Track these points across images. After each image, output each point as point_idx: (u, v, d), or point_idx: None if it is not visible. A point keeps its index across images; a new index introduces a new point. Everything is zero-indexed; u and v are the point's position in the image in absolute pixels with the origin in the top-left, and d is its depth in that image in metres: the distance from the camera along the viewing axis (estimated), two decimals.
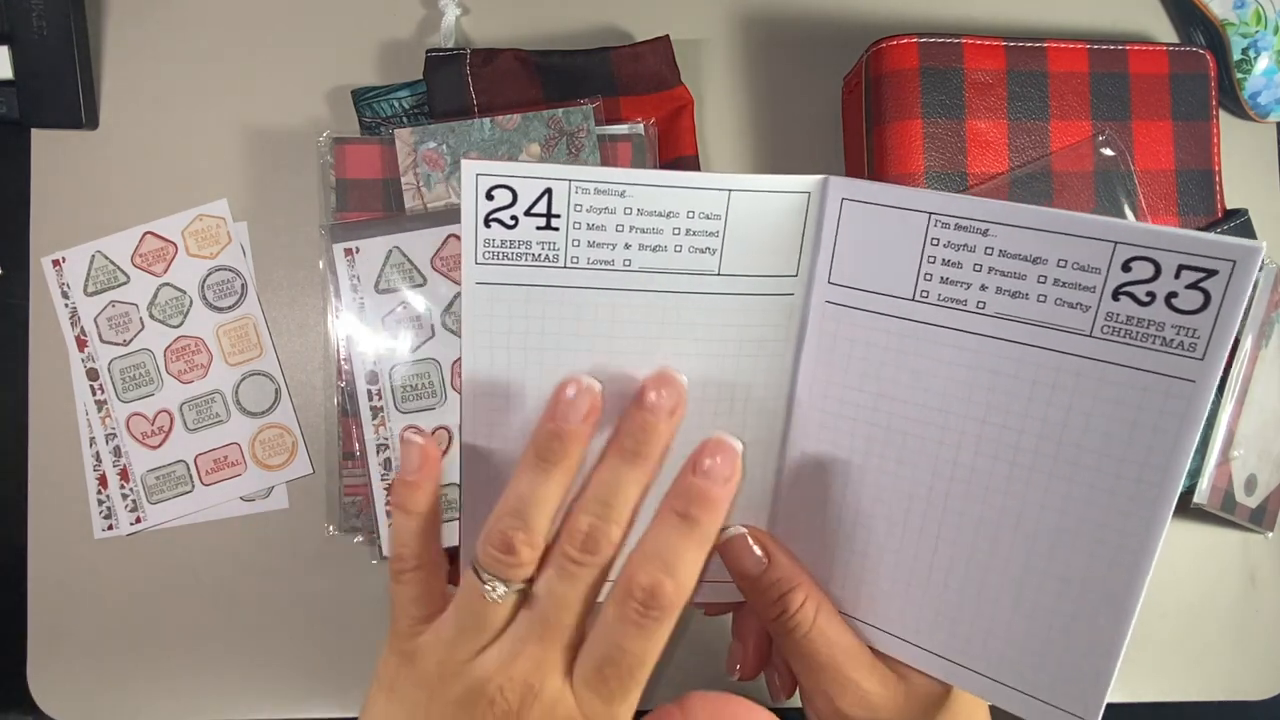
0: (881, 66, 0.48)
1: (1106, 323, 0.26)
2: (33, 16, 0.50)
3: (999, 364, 0.28)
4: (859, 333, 0.30)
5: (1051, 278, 0.26)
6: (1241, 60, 0.53)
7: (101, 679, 0.51)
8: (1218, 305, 0.25)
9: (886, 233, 0.28)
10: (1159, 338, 0.25)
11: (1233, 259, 0.24)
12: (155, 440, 0.51)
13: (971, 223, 0.27)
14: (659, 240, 0.29)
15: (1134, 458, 0.27)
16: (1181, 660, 0.53)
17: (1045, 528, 0.28)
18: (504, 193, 0.28)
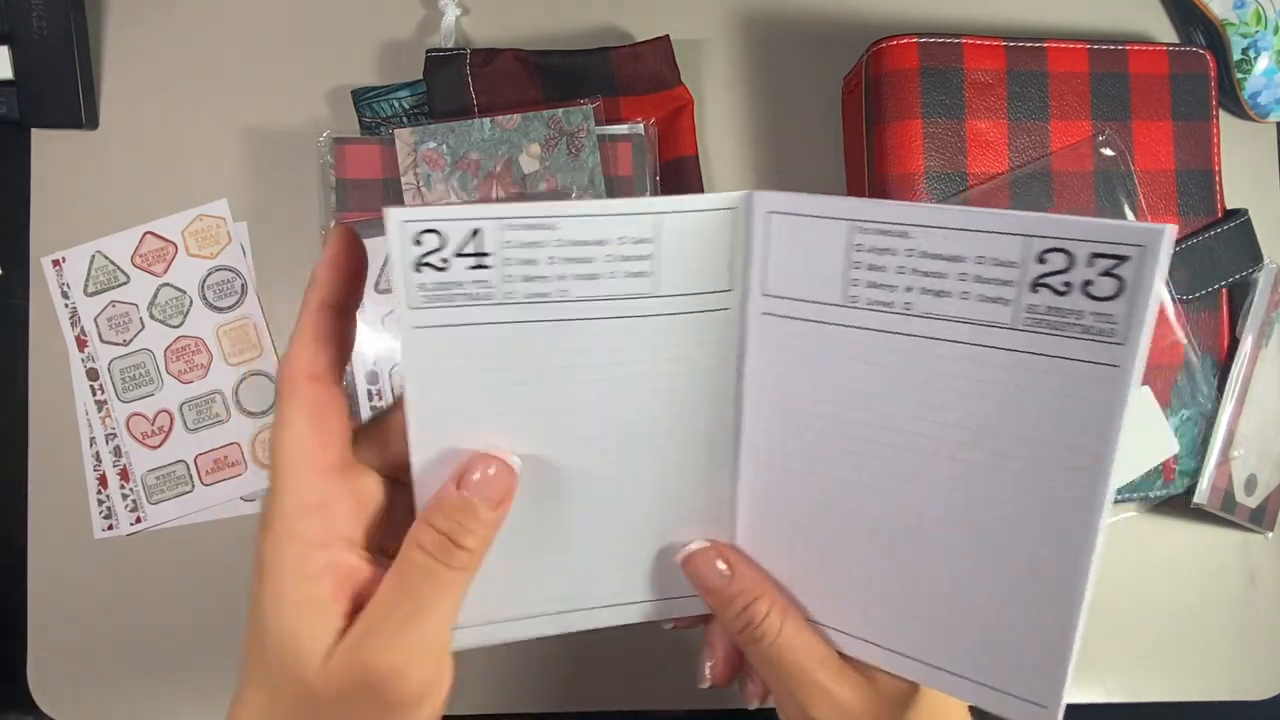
0: (881, 66, 0.48)
1: (1028, 315, 0.26)
2: (33, 16, 0.50)
3: (930, 362, 0.28)
4: (796, 341, 0.31)
5: (971, 274, 0.27)
6: (1241, 60, 0.53)
7: (101, 679, 0.51)
8: (1132, 290, 0.25)
9: (813, 241, 0.29)
10: (1079, 325, 0.26)
11: (1141, 243, 0.24)
12: (155, 440, 0.51)
13: (890, 226, 0.28)
14: (593, 269, 0.29)
15: (1065, 445, 0.27)
16: (1181, 660, 0.53)
17: (991, 523, 0.29)
18: (432, 237, 0.28)
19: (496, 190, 0.50)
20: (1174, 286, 0.50)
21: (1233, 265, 0.51)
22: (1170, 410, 0.50)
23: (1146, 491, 0.50)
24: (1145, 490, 0.50)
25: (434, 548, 0.28)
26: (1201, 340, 0.51)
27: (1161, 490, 0.50)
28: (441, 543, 0.28)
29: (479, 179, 0.49)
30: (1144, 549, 0.54)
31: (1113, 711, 0.53)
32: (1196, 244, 0.50)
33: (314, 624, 0.28)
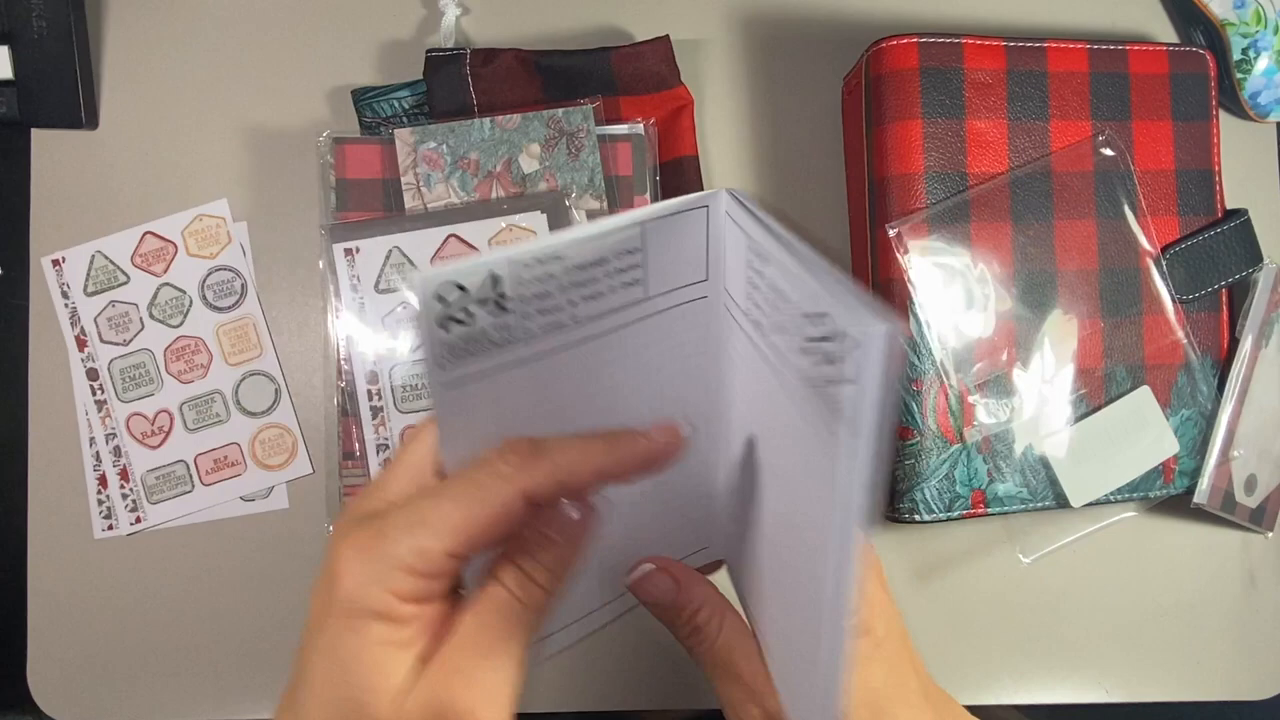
0: (881, 66, 0.48)
1: (809, 374, 0.26)
2: (33, 16, 0.50)
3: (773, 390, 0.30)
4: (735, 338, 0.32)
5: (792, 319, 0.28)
6: (1241, 60, 0.53)
7: (101, 679, 0.51)
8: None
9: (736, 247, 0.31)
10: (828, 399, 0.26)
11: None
12: (155, 440, 0.51)
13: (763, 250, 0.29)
14: (596, 288, 0.30)
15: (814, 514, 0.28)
16: (1181, 660, 0.53)
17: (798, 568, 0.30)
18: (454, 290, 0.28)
19: (496, 190, 0.50)
20: (1174, 286, 0.50)
21: (1233, 265, 0.51)
22: (1170, 410, 0.50)
23: (1146, 491, 0.50)
24: (1145, 490, 0.50)
25: (515, 585, 0.28)
26: (1201, 340, 0.51)
27: (1161, 490, 0.50)
28: (521, 580, 0.28)
29: (479, 179, 0.49)
30: (1144, 549, 0.54)
31: (1113, 711, 0.53)
32: (1196, 244, 0.50)
33: (395, 659, 0.27)
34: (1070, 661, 0.53)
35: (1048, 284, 0.49)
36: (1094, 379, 0.49)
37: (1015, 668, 0.53)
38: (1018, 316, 0.48)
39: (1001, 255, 0.48)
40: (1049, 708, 0.53)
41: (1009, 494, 0.48)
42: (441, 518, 0.27)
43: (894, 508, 0.48)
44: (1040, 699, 0.53)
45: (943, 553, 0.53)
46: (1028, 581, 0.53)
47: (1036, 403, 0.48)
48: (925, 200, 0.48)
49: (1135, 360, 0.50)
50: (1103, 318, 0.49)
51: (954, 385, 0.48)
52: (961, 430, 0.48)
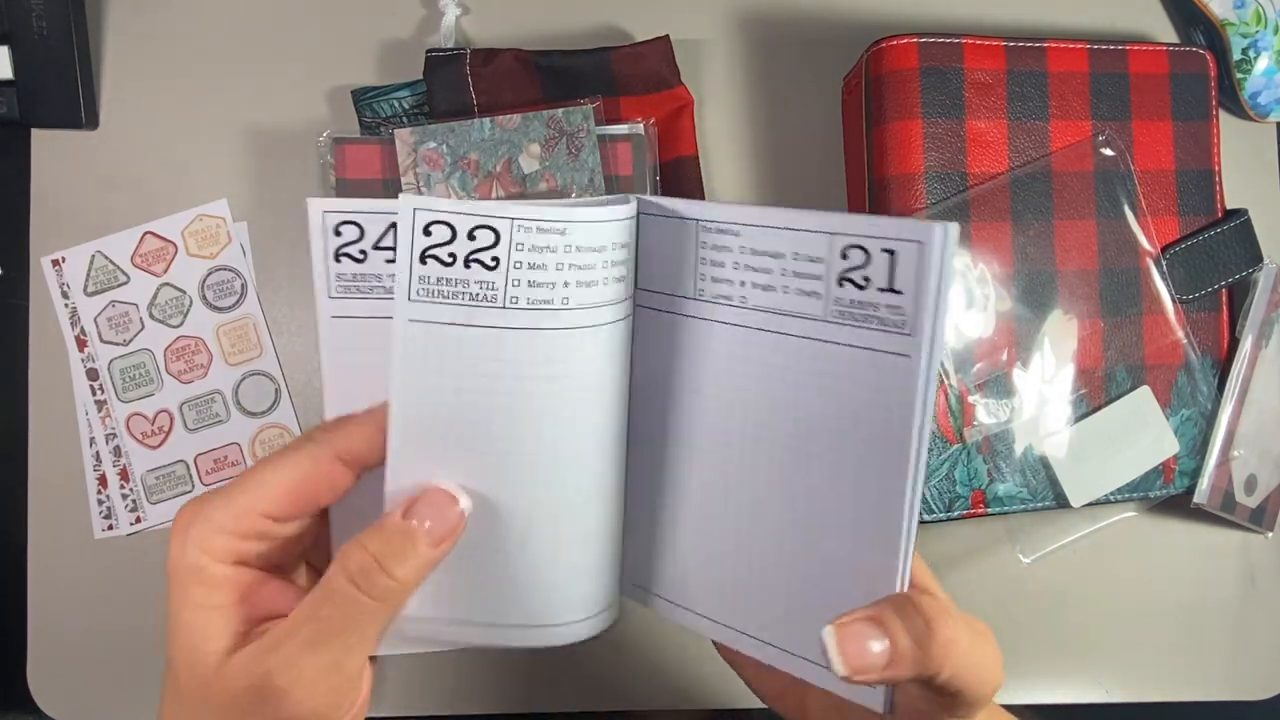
0: (881, 66, 0.48)
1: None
2: (33, 17, 0.50)
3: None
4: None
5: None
6: (1241, 60, 0.53)
7: (101, 679, 0.51)
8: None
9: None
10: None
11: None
12: (155, 440, 0.51)
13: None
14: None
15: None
16: (1181, 660, 0.53)
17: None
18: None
19: (496, 190, 0.50)
20: (1174, 286, 0.50)
21: (1233, 265, 0.51)
22: (1170, 410, 0.50)
23: (1146, 491, 0.50)
24: (1145, 490, 0.50)
25: (358, 573, 0.27)
26: (1201, 340, 0.51)
27: (1161, 490, 0.50)
28: (368, 568, 0.27)
29: (479, 179, 0.49)
30: (1144, 549, 0.54)
31: (1113, 711, 0.53)
32: (1196, 244, 0.50)
33: (212, 625, 0.28)
34: (1070, 661, 0.53)
35: (1048, 284, 0.49)
36: (1094, 379, 0.49)
37: (1015, 668, 0.53)
38: (1018, 316, 0.48)
39: (1001, 255, 0.48)
40: (1049, 708, 0.53)
41: (1009, 494, 0.48)
42: (257, 480, 0.28)
43: None
44: (1040, 699, 0.53)
45: (943, 553, 0.53)
46: (1028, 581, 0.53)
47: (1036, 403, 0.48)
48: (925, 200, 0.48)
49: (1135, 360, 0.50)
50: (1103, 318, 0.49)
51: (954, 385, 0.48)
52: (961, 430, 0.48)
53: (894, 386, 0.27)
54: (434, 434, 0.29)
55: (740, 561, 0.33)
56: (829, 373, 0.28)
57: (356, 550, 0.28)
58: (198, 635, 0.28)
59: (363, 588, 0.27)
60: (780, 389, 0.30)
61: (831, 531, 0.30)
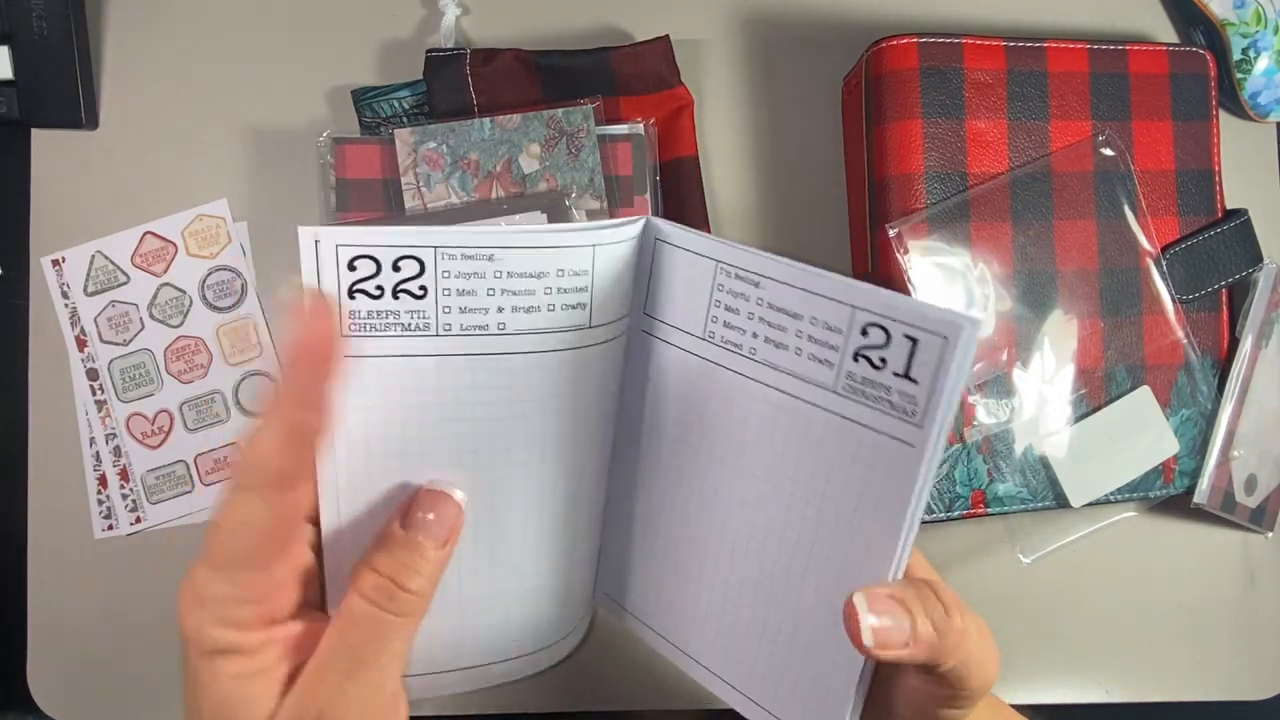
0: (881, 66, 0.48)
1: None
2: (33, 17, 0.50)
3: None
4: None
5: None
6: (1241, 60, 0.53)
7: (101, 679, 0.51)
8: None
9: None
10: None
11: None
12: (155, 440, 0.51)
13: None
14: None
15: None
16: (1181, 660, 0.53)
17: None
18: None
19: (496, 190, 0.50)
20: (1174, 286, 0.50)
21: (1233, 265, 0.51)
22: (1170, 410, 0.50)
23: (1146, 491, 0.50)
24: (1145, 490, 0.50)
25: (376, 593, 0.27)
26: (1201, 340, 0.51)
27: (1161, 490, 0.50)
28: (384, 587, 0.27)
29: (479, 179, 0.49)
30: (1144, 549, 0.54)
31: (1113, 711, 0.53)
32: (1196, 244, 0.50)
33: (254, 689, 0.27)
34: (1070, 661, 0.53)
35: (1048, 284, 0.49)
36: (1094, 379, 0.49)
37: (1015, 668, 0.53)
38: (1018, 316, 0.48)
39: (1001, 255, 0.48)
40: (1049, 708, 0.53)
41: (1009, 494, 0.48)
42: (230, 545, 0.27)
43: None
44: (1040, 699, 0.53)
45: (943, 553, 0.53)
46: (1028, 581, 0.53)
47: (1036, 403, 0.48)
48: (925, 200, 0.48)
49: (1135, 360, 0.50)
50: (1103, 318, 0.49)
51: None
52: (961, 430, 0.48)
53: (894, 471, 0.27)
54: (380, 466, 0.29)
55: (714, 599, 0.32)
56: (829, 444, 0.28)
57: (368, 572, 0.27)
58: (242, 706, 0.27)
59: (385, 607, 0.27)
60: (778, 447, 0.29)
61: (809, 591, 0.29)
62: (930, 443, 0.26)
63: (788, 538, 0.30)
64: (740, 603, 0.31)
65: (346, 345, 0.27)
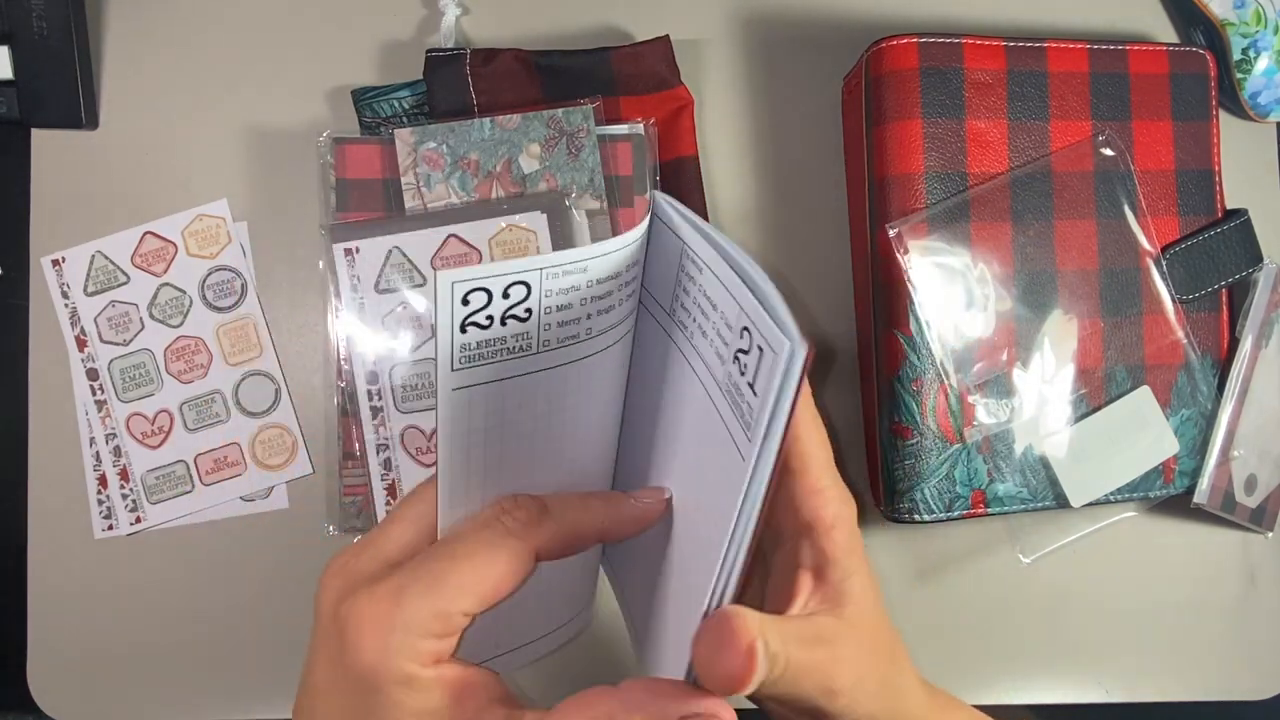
0: (881, 66, 0.48)
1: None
2: (33, 17, 0.50)
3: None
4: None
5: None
6: (1241, 60, 0.53)
7: (101, 679, 0.51)
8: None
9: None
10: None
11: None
12: (155, 440, 0.51)
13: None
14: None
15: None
16: (1181, 660, 0.53)
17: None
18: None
19: (496, 190, 0.50)
20: (1174, 286, 0.50)
21: (1233, 265, 0.51)
22: (1170, 410, 0.50)
23: (1146, 491, 0.50)
24: (1145, 490, 0.50)
25: None
26: (1201, 340, 0.51)
27: (1161, 490, 0.50)
28: None
29: (479, 179, 0.49)
30: (1144, 549, 0.54)
31: (1113, 711, 0.53)
32: (1196, 244, 0.50)
33: None
34: (1070, 661, 0.53)
35: (1048, 284, 0.49)
36: (1094, 379, 0.49)
37: (1015, 668, 0.53)
38: (1018, 316, 0.48)
39: (1001, 255, 0.48)
40: (1049, 708, 0.53)
41: (1009, 494, 0.48)
42: (458, 579, 0.27)
43: (894, 508, 0.48)
44: (1040, 699, 0.53)
45: (943, 553, 0.53)
46: (1028, 581, 0.53)
47: (1036, 403, 0.48)
48: (925, 200, 0.48)
49: (1135, 360, 0.50)
50: (1103, 318, 0.49)
51: (954, 385, 0.48)
52: (961, 430, 0.48)
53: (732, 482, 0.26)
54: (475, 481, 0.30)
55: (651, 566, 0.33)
56: (711, 440, 0.28)
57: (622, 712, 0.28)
58: None
59: None
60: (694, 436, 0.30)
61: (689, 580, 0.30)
62: (756, 459, 0.24)
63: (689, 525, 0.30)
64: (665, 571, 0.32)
65: (455, 379, 0.28)
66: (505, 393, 0.29)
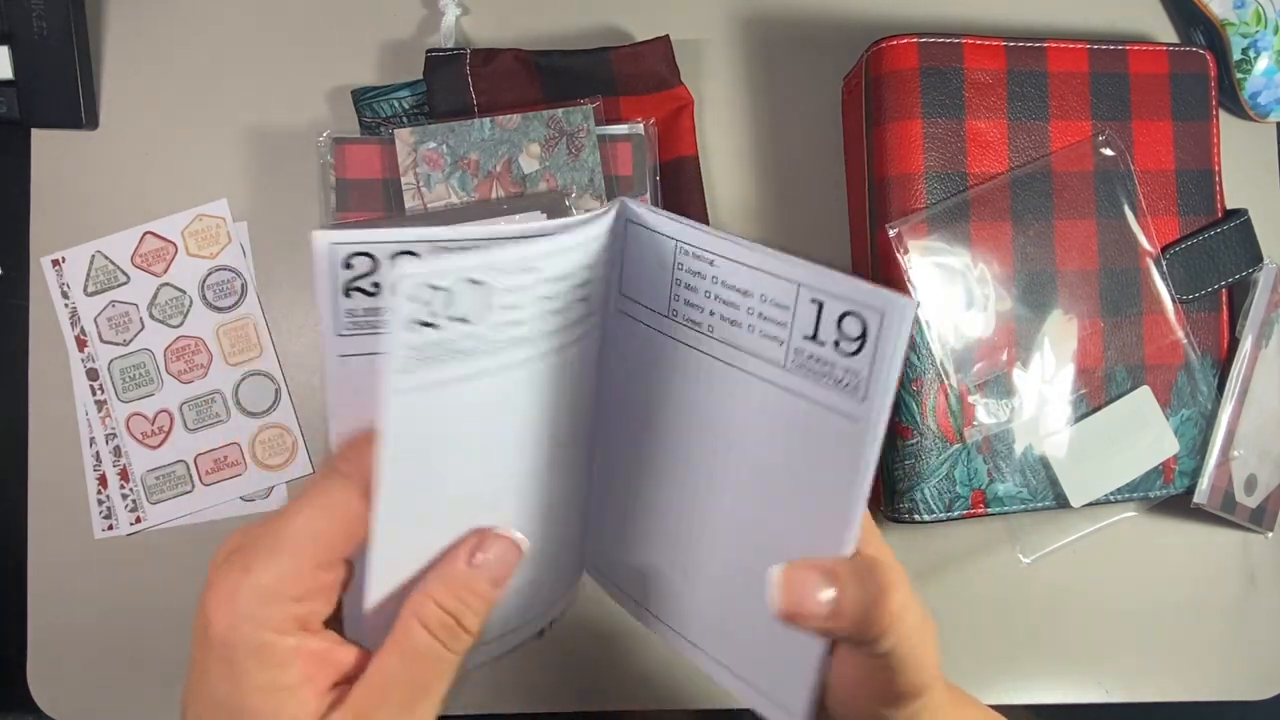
0: (881, 66, 0.48)
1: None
2: (33, 17, 0.50)
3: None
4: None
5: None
6: (1241, 60, 0.53)
7: (101, 679, 0.51)
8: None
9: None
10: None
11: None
12: (155, 440, 0.51)
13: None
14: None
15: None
16: (1181, 660, 0.53)
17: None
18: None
19: (496, 190, 0.50)
20: (1174, 286, 0.50)
21: (1233, 265, 0.51)
22: (1170, 410, 0.50)
23: (1146, 491, 0.50)
24: (1145, 490, 0.50)
25: (441, 630, 0.27)
26: (1201, 340, 0.51)
27: (1161, 490, 0.50)
28: (448, 625, 0.27)
29: (479, 179, 0.49)
30: (1144, 549, 0.54)
31: (1113, 711, 0.53)
32: (1196, 244, 0.50)
33: (283, 706, 0.25)
34: (1070, 661, 0.53)
35: (1048, 284, 0.49)
36: (1094, 379, 0.49)
37: (1015, 668, 0.53)
38: (1018, 316, 0.48)
39: (1001, 255, 0.48)
40: (1049, 708, 0.53)
41: (1009, 494, 0.48)
42: (297, 532, 0.26)
43: (894, 508, 0.48)
44: (1040, 699, 0.53)
45: (943, 553, 0.53)
46: (1028, 581, 0.53)
47: (1036, 403, 0.48)
48: (925, 200, 0.48)
49: (1135, 360, 0.50)
50: (1103, 318, 0.49)
51: (954, 385, 0.48)
52: (961, 430, 0.48)
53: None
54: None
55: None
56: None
57: (433, 606, 0.27)
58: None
59: (447, 644, 0.27)
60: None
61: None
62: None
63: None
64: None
65: (340, 345, 0.27)
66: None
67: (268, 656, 0.25)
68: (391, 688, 0.26)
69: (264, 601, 0.25)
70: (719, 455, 0.31)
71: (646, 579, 0.35)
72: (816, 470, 0.28)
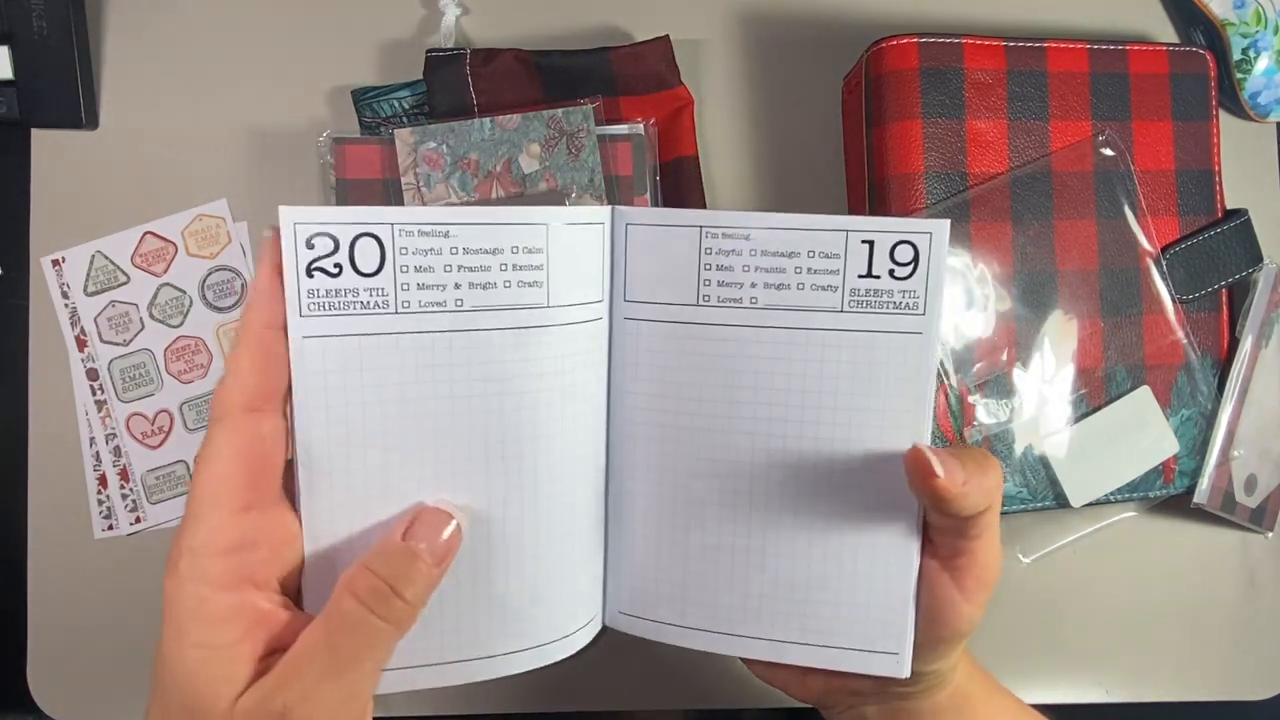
0: (881, 66, 0.48)
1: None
2: (33, 16, 0.50)
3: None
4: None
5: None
6: (1241, 60, 0.53)
7: (101, 679, 0.51)
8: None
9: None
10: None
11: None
12: (155, 440, 0.51)
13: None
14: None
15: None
16: (1181, 660, 0.53)
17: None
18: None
19: (496, 190, 0.50)
20: (1174, 286, 0.50)
21: (1233, 265, 0.51)
22: (1170, 410, 0.50)
23: (1146, 491, 0.50)
24: (1145, 490, 0.50)
25: (369, 596, 0.27)
26: (1201, 340, 0.51)
27: (1161, 490, 0.50)
28: (379, 591, 0.27)
29: (479, 179, 0.49)
30: (1144, 549, 0.54)
31: (1113, 711, 0.53)
32: (1196, 244, 0.50)
33: (219, 668, 0.26)
34: (1070, 661, 0.53)
35: (1048, 284, 0.49)
36: (1094, 379, 0.49)
37: (1015, 668, 0.53)
38: (1018, 316, 0.48)
39: (1001, 255, 0.48)
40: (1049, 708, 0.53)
41: (1009, 494, 0.48)
42: (202, 488, 0.27)
43: None
44: (1040, 699, 0.53)
45: None
46: (1028, 581, 0.53)
47: (1036, 403, 0.48)
48: (925, 200, 0.48)
49: (1135, 360, 0.50)
50: (1103, 318, 0.49)
51: (954, 385, 0.48)
52: (961, 430, 0.48)
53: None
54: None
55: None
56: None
57: (364, 574, 0.27)
58: (205, 685, 0.26)
59: (376, 611, 0.27)
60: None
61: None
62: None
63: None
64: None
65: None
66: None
67: (206, 612, 0.27)
68: (316, 655, 0.26)
69: (196, 558, 0.27)
70: (776, 421, 0.32)
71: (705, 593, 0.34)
72: (886, 391, 0.31)
